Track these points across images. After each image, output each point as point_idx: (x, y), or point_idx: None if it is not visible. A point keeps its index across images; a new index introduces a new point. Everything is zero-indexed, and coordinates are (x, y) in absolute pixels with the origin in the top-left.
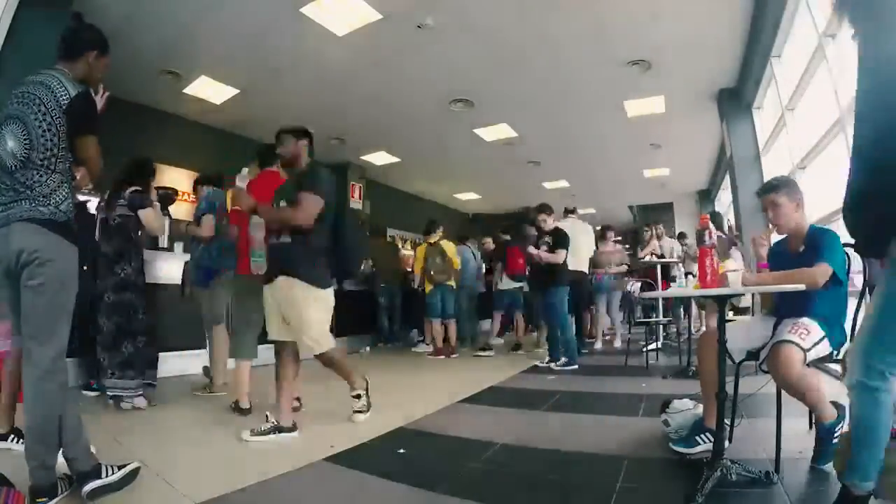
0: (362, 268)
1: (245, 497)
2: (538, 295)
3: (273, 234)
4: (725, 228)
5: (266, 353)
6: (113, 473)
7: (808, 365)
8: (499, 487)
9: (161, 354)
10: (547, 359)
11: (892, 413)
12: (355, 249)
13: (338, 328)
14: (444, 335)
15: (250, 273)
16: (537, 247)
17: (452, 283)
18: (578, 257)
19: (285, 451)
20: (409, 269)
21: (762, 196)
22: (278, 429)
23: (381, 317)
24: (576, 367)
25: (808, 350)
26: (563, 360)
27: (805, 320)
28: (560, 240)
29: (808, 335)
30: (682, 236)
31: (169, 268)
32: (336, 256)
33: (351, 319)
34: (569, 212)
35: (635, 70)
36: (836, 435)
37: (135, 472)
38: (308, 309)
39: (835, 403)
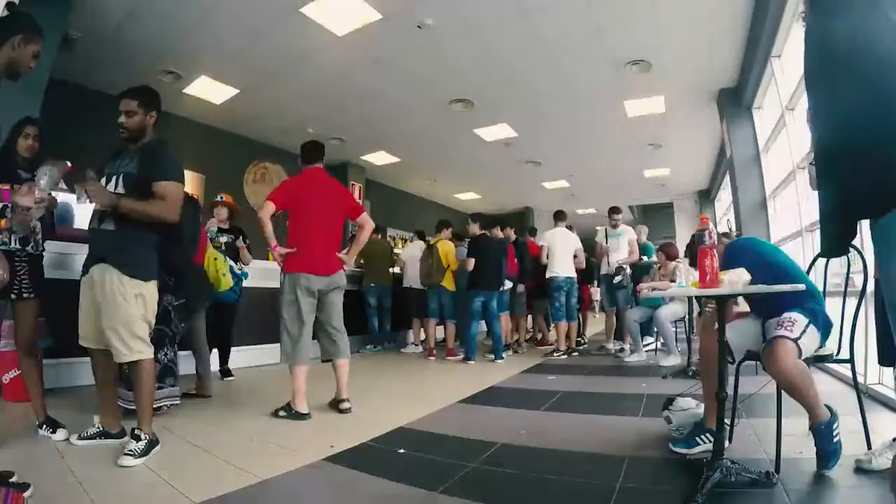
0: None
1: (245, 497)
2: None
3: (94, 220)
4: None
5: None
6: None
7: (806, 361)
8: (499, 487)
9: None
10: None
11: None
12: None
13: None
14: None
15: (302, 271)
16: None
17: (447, 284)
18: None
19: (285, 450)
20: (401, 269)
21: None
22: (104, 434)
23: (370, 318)
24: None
25: (799, 338)
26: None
27: (787, 314)
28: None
29: (793, 325)
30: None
31: None
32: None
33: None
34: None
35: (635, 70)
36: (835, 433)
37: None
38: (122, 303)
39: (827, 406)
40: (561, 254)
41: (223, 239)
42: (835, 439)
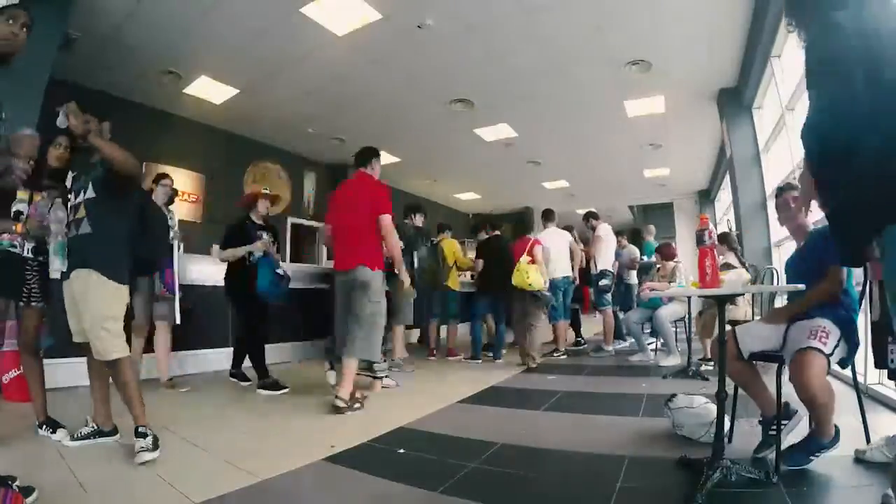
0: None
1: (245, 497)
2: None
3: (72, 228)
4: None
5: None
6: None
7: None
8: (499, 487)
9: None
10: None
11: None
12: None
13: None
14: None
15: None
16: None
17: (453, 283)
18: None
19: (285, 451)
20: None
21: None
22: (99, 433)
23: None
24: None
25: (831, 355)
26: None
27: (819, 321)
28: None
29: (828, 338)
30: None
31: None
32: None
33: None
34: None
35: (635, 70)
36: (818, 454)
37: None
38: (99, 305)
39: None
40: (557, 254)
41: (266, 237)
42: (811, 458)
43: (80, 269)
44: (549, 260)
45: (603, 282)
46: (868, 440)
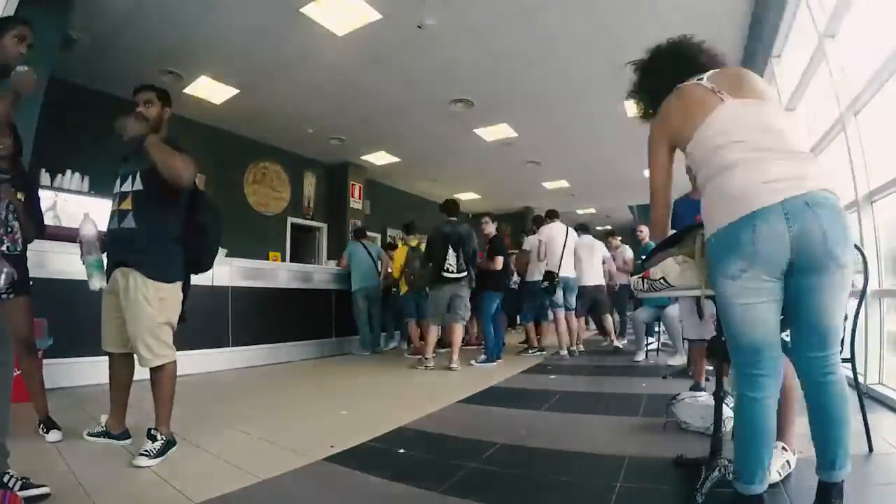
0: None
1: (245, 497)
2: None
3: (114, 220)
4: None
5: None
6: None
7: None
8: (499, 487)
9: None
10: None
11: (769, 416)
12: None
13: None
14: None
15: None
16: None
17: (401, 288)
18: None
19: (285, 451)
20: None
21: None
22: (106, 434)
23: (359, 321)
24: (494, 364)
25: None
26: (483, 357)
27: None
28: (496, 247)
29: None
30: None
31: None
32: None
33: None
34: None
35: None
36: None
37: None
38: (146, 309)
39: None
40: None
41: None
42: None
43: (121, 267)
44: (532, 263)
45: (545, 283)
46: (869, 440)
